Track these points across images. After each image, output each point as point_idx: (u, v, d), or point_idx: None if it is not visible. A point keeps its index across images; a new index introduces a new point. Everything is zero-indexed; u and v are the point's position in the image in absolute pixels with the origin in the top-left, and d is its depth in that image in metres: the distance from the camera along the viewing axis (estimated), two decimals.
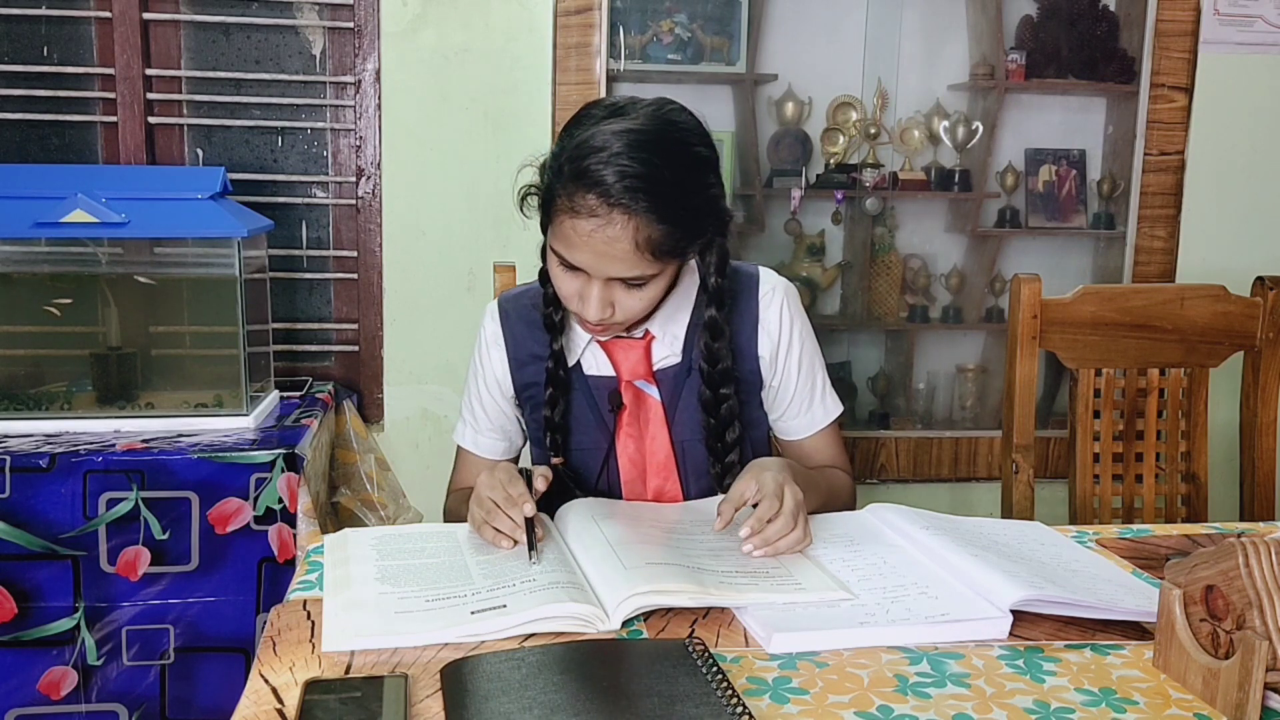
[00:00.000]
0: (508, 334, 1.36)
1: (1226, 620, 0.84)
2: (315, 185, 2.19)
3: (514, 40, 2.12)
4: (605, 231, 1.12)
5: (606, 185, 1.10)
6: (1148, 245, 2.37)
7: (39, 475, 1.57)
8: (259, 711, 0.81)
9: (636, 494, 1.33)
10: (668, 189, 1.12)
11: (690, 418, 1.31)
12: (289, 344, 2.19)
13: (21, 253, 1.77)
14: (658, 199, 1.11)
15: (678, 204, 1.13)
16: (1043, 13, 2.38)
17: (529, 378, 1.35)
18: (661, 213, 1.12)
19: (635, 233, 1.12)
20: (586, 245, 1.13)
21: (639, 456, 1.32)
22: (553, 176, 1.17)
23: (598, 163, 1.11)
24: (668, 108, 1.19)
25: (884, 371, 2.49)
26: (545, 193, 1.19)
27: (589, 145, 1.13)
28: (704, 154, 1.19)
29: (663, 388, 1.31)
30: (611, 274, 1.16)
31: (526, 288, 1.40)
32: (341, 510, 1.96)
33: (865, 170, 2.35)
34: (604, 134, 1.13)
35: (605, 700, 0.80)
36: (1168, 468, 1.71)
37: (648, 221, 1.11)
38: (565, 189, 1.13)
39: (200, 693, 1.66)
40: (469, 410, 1.42)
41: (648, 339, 1.31)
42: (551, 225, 1.18)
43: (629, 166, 1.10)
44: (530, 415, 1.38)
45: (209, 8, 2.10)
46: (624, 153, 1.11)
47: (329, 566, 1.07)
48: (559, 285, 1.21)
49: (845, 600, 1.00)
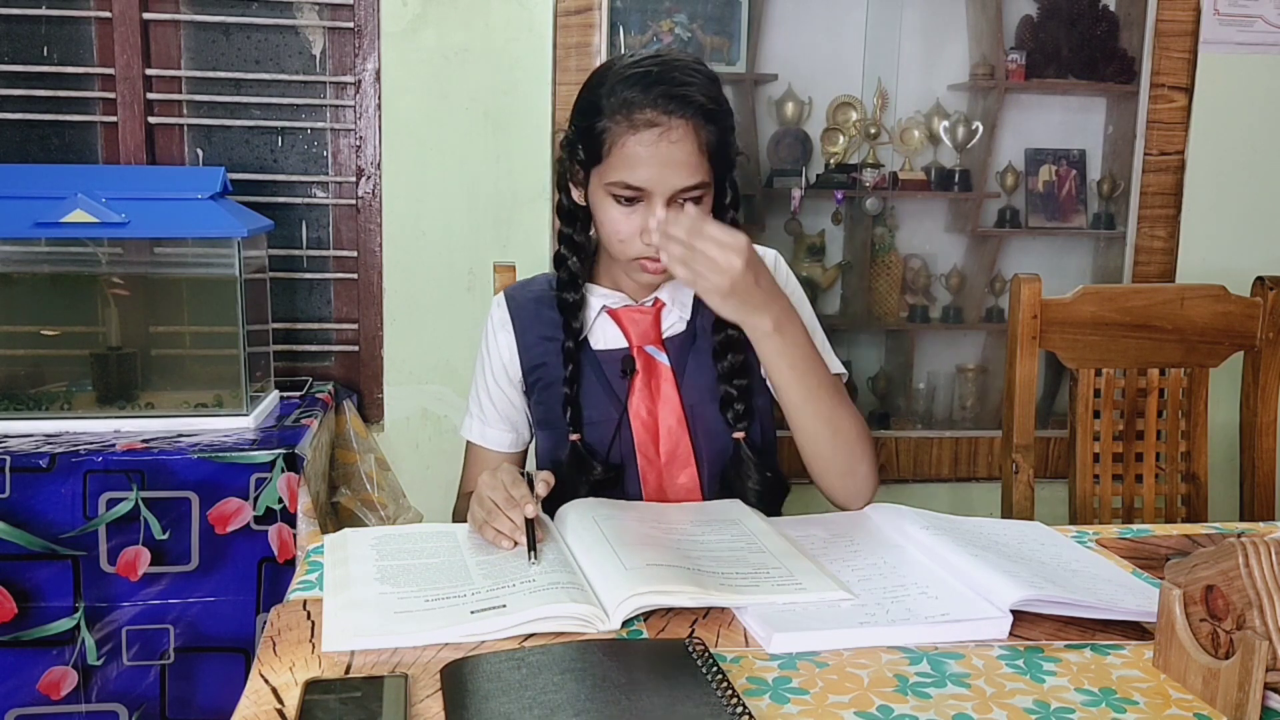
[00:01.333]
0: (515, 317, 1.39)
1: (1226, 620, 0.84)
2: (315, 185, 2.19)
3: (514, 40, 2.12)
4: (669, 137, 1.20)
5: (657, 97, 1.21)
6: (1148, 245, 2.37)
7: (39, 475, 1.57)
8: (259, 711, 0.81)
9: (650, 459, 1.33)
10: (710, 94, 1.24)
11: (698, 381, 1.34)
12: (289, 344, 2.19)
13: (21, 253, 1.77)
14: (706, 100, 1.23)
15: (718, 109, 1.25)
16: (1043, 13, 2.37)
17: (537, 359, 1.37)
18: (709, 113, 1.23)
19: (695, 134, 1.22)
20: (652, 157, 1.21)
21: (651, 421, 1.33)
22: (592, 119, 1.25)
23: (643, 84, 1.21)
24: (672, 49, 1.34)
25: (884, 371, 2.49)
26: (588, 138, 1.25)
27: (624, 78, 1.23)
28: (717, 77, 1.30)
29: (670, 354, 1.34)
30: (676, 184, 1.22)
31: (531, 279, 1.45)
32: (341, 510, 1.96)
33: (865, 170, 2.35)
34: (632, 67, 1.25)
35: (605, 700, 0.80)
36: (1168, 468, 1.71)
37: (701, 123, 1.22)
38: (614, 119, 1.22)
39: (200, 693, 1.66)
40: (476, 404, 1.43)
41: (658, 306, 1.35)
42: (605, 160, 1.24)
43: (676, 77, 1.22)
44: (537, 399, 1.39)
45: (209, 8, 2.10)
46: (660, 71, 1.23)
47: (329, 566, 1.07)
48: (618, 229, 1.25)
49: (845, 600, 1.00)
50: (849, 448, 1.26)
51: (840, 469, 1.27)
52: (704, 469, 1.34)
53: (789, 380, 1.22)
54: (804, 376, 1.22)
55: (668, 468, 1.33)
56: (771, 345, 1.19)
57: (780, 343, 1.19)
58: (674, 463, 1.33)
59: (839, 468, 1.26)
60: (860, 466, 1.27)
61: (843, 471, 1.27)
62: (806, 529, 1.22)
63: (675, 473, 1.33)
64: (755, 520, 1.20)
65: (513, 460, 1.44)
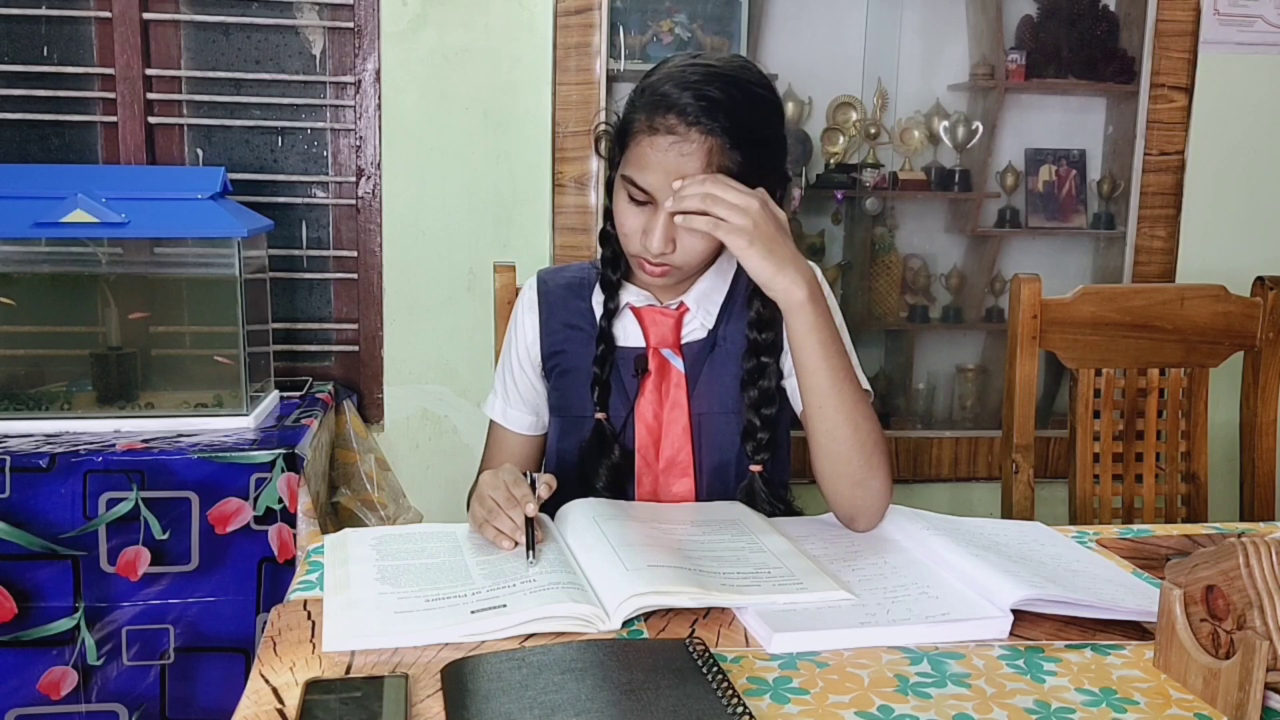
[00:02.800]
0: (543, 301, 1.38)
1: (1227, 620, 0.84)
2: (315, 185, 2.19)
3: (514, 40, 2.12)
4: (680, 148, 1.17)
5: (685, 104, 1.16)
6: (1148, 245, 2.37)
7: (39, 475, 1.57)
8: (259, 711, 0.81)
9: (649, 461, 1.32)
10: (743, 117, 1.18)
11: (710, 391, 1.32)
12: (289, 344, 2.19)
13: (21, 253, 1.77)
14: (734, 124, 1.17)
15: (750, 135, 1.18)
16: (1043, 13, 2.38)
17: (557, 345, 1.37)
18: (735, 138, 1.17)
19: (709, 153, 1.17)
20: (661, 163, 1.17)
21: (656, 425, 1.32)
22: (630, 108, 1.22)
23: (677, 86, 1.18)
24: (744, 59, 1.28)
25: (884, 371, 2.49)
26: (621, 123, 1.24)
27: (668, 75, 1.20)
28: (775, 101, 1.25)
29: (686, 360, 1.32)
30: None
31: (566, 266, 1.45)
32: (341, 510, 1.96)
33: (865, 170, 2.35)
34: (684, 67, 1.21)
35: (605, 700, 0.80)
36: (1168, 468, 1.71)
37: (721, 146, 1.17)
38: (644, 113, 1.19)
39: (200, 693, 1.66)
40: (500, 382, 1.43)
41: (681, 311, 1.33)
42: (626, 154, 1.22)
43: (709, 91, 1.17)
44: (554, 384, 1.38)
45: (209, 8, 2.10)
46: (703, 81, 1.18)
47: (329, 566, 1.07)
48: (624, 222, 1.24)
49: (846, 600, 1.00)
50: (866, 453, 1.19)
51: (855, 475, 1.19)
52: (703, 480, 1.32)
53: (818, 361, 1.17)
54: (832, 360, 1.17)
55: (665, 473, 1.32)
56: (804, 318, 1.15)
57: (813, 316, 1.15)
58: (672, 470, 1.32)
59: (854, 474, 1.19)
60: (874, 480, 1.19)
61: (857, 479, 1.19)
62: (807, 529, 1.22)
63: (672, 480, 1.32)
64: (756, 520, 1.20)
65: (533, 444, 1.43)
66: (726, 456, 1.33)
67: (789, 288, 1.14)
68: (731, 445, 1.32)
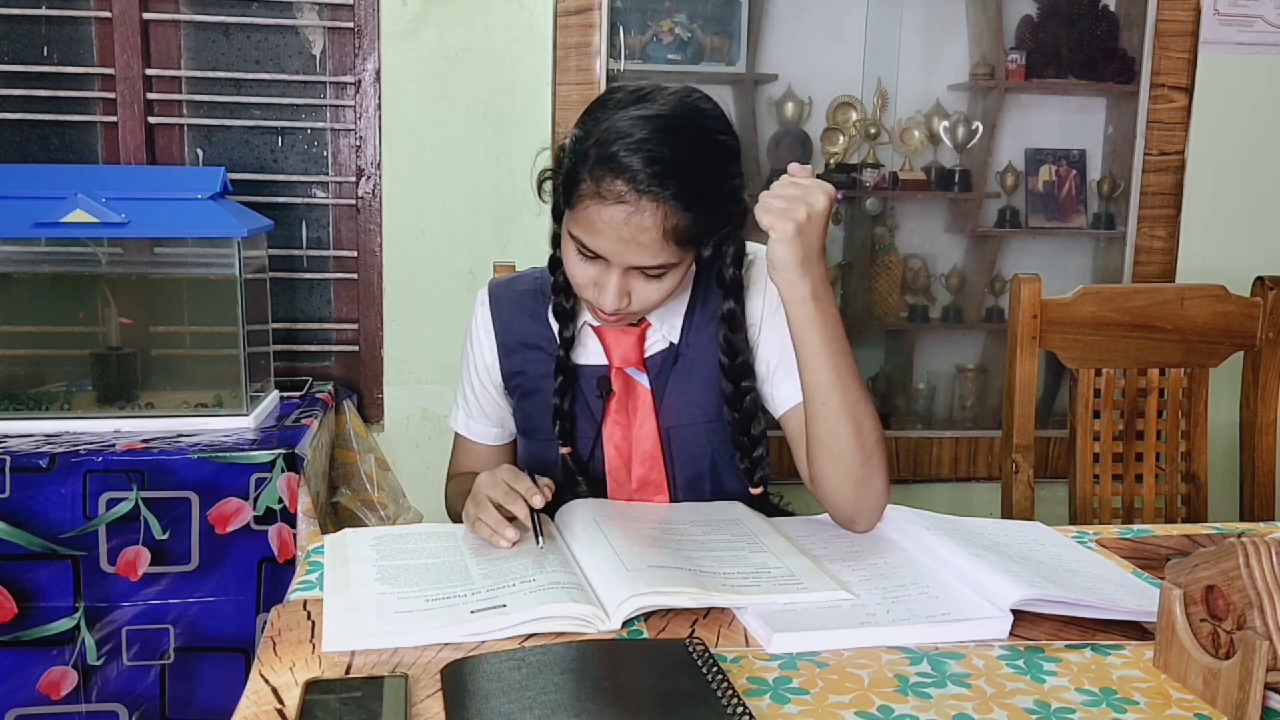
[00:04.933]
0: (497, 321, 1.35)
1: (1227, 620, 0.84)
2: (315, 185, 2.19)
3: (514, 40, 2.12)
4: (633, 219, 1.10)
5: (635, 171, 1.09)
6: (1148, 245, 2.37)
7: (39, 475, 1.57)
8: (259, 711, 0.81)
9: (620, 482, 1.30)
10: (695, 176, 1.11)
11: (677, 403, 1.29)
12: (289, 344, 2.19)
13: (21, 253, 1.77)
14: (685, 186, 1.10)
15: (704, 192, 1.12)
16: (1043, 13, 2.38)
17: (517, 366, 1.34)
18: (688, 200, 1.11)
19: (663, 220, 1.11)
20: (612, 232, 1.11)
21: (625, 444, 1.29)
22: (576, 161, 1.14)
23: (626, 149, 1.10)
24: (694, 95, 1.18)
25: (884, 372, 2.49)
26: (567, 177, 1.16)
27: (616, 130, 1.11)
28: (728, 143, 1.18)
29: (650, 373, 1.29)
30: (633, 262, 1.14)
31: (519, 275, 1.39)
32: (341, 510, 1.96)
33: (865, 170, 2.35)
34: (631, 119, 1.12)
35: (605, 700, 0.80)
36: (1168, 468, 1.71)
37: (675, 209, 1.11)
38: (591, 174, 1.11)
39: (200, 693, 1.66)
40: (462, 396, 1.41)
41: (643, 326, 1.29)
42: (572, 210, 1.15)
43: (657, 152, 1.09)
44: (519, 405, 1.36)
45: (209, 8, 2.10)
46: (652, 139, 1.10)
47: (329, 567, 1.07)
48: (574, 272, 1.19)
49: (846, 600, 1.00)
50: (867, 453, 1.17)
51: (856, 475, 1.17)
52: (678, 495, 1.30)
53: (820, 356, 1.15)
54: (834, 356, 1.15)
55: (639, 493, 1.30)
56: (804, 313, 1.14)
57: (815, 312, 1.14)
58: (646, 488, 1.30)
59: (855, 474, 1.17)
60: (875, 479, 1.18)
61: (858, 480, 1.17)
62: (807, 529, 1.22)
63: (647, 499, 1.30)
64: (755, 520, 1.20)
65: (500, 453, 1.42)
66: (700, 468, 1.31)
67: (796, 285, 1.13)
68: (704, 456, 1.30)
